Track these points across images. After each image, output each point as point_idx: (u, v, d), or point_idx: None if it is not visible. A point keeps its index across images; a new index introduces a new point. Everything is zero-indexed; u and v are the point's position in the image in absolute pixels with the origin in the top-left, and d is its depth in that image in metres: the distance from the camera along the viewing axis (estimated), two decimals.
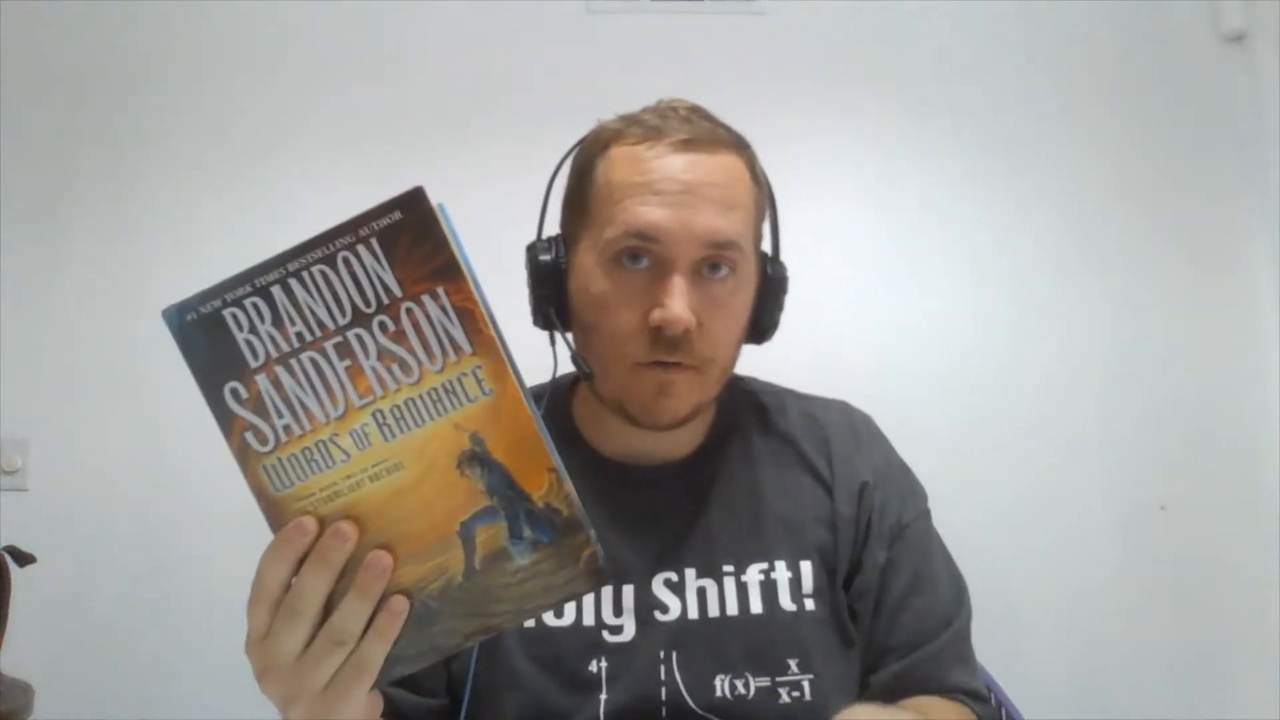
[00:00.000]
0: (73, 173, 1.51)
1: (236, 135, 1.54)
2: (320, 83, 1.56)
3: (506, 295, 0.87)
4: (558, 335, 0.82)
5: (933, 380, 1.53)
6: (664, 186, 0.73)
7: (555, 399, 0.86)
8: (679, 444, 0.84)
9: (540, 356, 0.86)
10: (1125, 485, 1.53)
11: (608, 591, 0.77)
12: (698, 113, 0.79)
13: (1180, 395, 1.55)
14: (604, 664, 0.74)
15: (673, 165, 0.74)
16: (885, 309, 1.56)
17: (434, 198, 0.45)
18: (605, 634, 0.75)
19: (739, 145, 0.80)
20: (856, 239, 1.58)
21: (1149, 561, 1.50)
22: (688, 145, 0.75)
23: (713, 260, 0.74)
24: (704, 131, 0.77)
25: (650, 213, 0.73)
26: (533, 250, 0.81)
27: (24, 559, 0.87)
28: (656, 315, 0.72)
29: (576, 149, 0.82)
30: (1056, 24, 1.66)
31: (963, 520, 0.92)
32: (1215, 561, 1.50)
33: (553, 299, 0.80)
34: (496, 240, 0.88)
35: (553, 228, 0.83)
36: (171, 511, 1.42)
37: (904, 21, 1.64)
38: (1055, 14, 1.66)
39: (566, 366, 0.88)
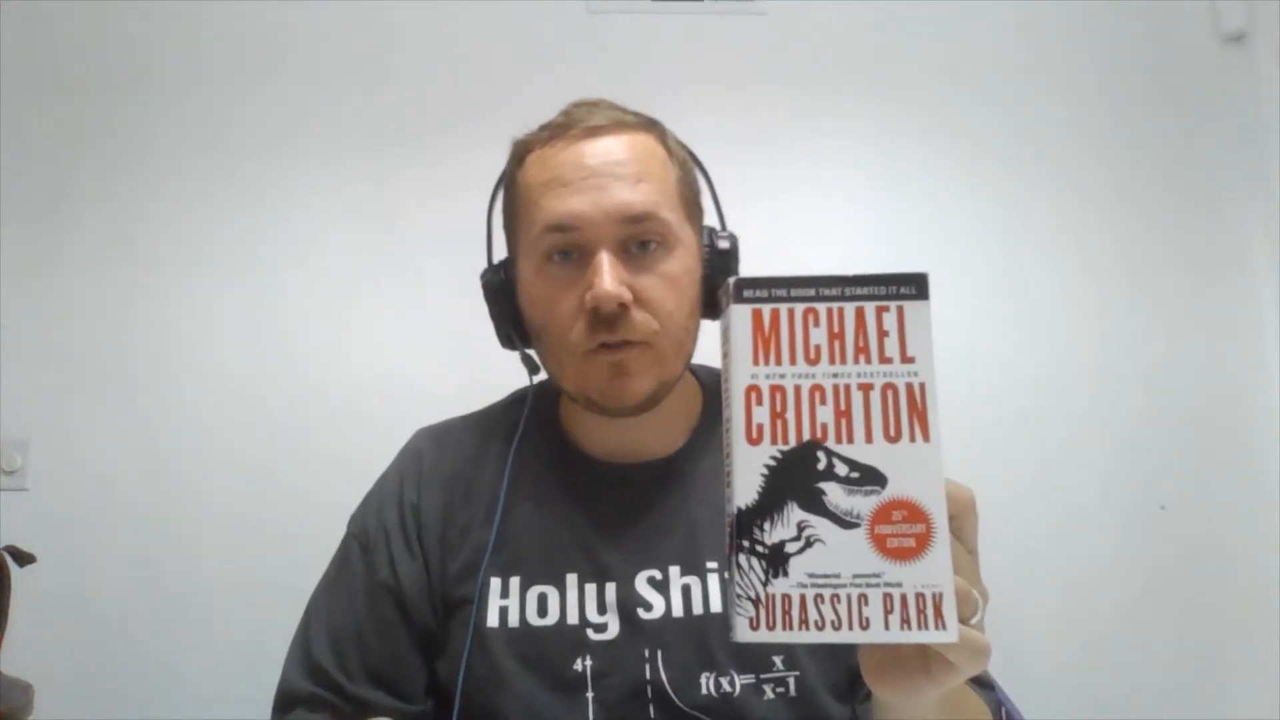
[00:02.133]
0: (73, 173, 1.50)
1: (236, 135, 1.53)
2: (319, 83, 1.56)
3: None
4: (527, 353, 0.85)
5: None
6: (571, 175, 0.75)
7: (541, 401, 0.87)
8: (663, 441, 0.84)
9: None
10: (1125, 485, 1.53)
11: (591, 589, 0.77)
12: (604, 103, 0.81)
13: (1180, 395, 1.55)
14: (589, 662, 0.74)
15: (578, 154, 0.76)
16: None
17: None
18: (589, 632, 0.75)
19: (647, 124, 0.81)
20: (856, 239, 1.58)
21: (1149, 561, 1.50)
22: (591, 132, 0.77)
23: (638, 238, 0.75)
24: (609, 118, 0.78)
25: (562, 204, 0.74)
26: (483, 276, 0.85)
27: (24, 559, 0.87)
28: (588, 297, 0.73)
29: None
30: (1056, 24, 1.66)
31: None
32: (1215, 561, 1.50)
33: (509, 318, 0.83)
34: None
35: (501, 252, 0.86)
36: (171, 511, 1.42)
37: (903, 22, 1.64)
38: (1055, 14, 1.66)
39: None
